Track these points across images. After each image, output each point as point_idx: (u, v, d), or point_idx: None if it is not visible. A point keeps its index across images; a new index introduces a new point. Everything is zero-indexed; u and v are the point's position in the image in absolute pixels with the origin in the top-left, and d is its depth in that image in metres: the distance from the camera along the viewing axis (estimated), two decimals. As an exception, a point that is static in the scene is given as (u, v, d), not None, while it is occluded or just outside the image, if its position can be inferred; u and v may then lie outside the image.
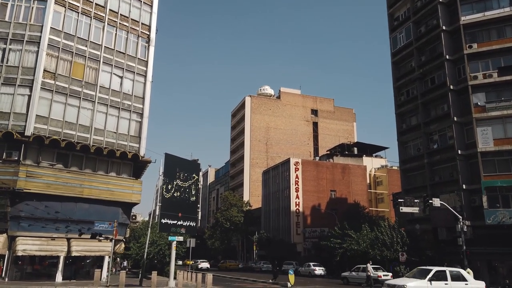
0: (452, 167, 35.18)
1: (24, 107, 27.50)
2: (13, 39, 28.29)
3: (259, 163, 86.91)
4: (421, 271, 19.76)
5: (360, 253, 37.61)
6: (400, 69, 43.42)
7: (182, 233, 26.76)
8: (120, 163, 31.64)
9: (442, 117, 36.64)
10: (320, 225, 59.83)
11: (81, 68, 30.36)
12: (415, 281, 18.55)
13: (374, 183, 75.46)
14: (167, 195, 25.21)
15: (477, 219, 31.81)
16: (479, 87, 34.58)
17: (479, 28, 35.86)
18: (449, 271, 18.93)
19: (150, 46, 34.67)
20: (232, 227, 71.89)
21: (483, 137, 33.42)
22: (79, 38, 30.66)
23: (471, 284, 18.81)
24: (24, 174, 26.47)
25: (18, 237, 26.32)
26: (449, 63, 36.41)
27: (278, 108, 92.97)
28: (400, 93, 42.90)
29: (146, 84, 33.74)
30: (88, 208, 29.12)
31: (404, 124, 41.81)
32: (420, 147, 38.84)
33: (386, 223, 38.21)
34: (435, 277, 18.29)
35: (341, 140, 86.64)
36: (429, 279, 18.06)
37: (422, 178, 38.35)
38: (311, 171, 66.06)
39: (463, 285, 18.54)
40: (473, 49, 35.18)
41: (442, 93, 36.76)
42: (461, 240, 28.78)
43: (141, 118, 32.93)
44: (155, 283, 23.98)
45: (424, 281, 18.08)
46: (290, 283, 27.65)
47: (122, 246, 32.75)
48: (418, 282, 18.29)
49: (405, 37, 42.19)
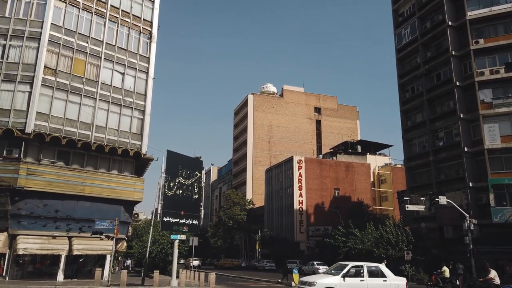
0: (458, 165, 34.69)
1: (25, 104, 27.17)
2: (13, 35, 27.94)
3: (262, 161, 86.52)
4: (338, 266, 18.66)
5: (364, 252, 37.17)
6: (404, 66, 42.93)
7: (185, 232, 26.40)
8: (122, 161, 31.30)
9: (448, 114, 36.14)
10: (323, 223, 59.43)
11: (82, 65, 30.02)
12: (327, 277, 17.50)
13: (378, 181, 74.96)
14: (169, 193, 24.79)
15: (484, 218, 31.35)
16: (486, 83, 34.07)
17: (485, 24, 35.30)
18: (367, 266, 17.87)
19: (151, 43, 34.30)
20: (235, 226, 71.60)
21: (490, 134, 32.92)
22: (80, 34, 30.30)
23: (391, 280, 17.59)
24: (24, 171, 26.14)
25: (19, 236, 26.02)
26: (455, 59, 35.90)
27: (281, 106, 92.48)
28: (405, 90, 42.42)
29: (148, 81, 33.39)
30: (89, 207, 28.79)
31: (409, 121, 41.31)
32: (426, 145, 38.35)
33: (391, 222, 37.73)
34: (350, 273, 17.28)
35: (345, 138, 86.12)
36: (343, 275, 17.00)
37: (428, 175, 37.88)
38: (315, 169, 65.62)
39: (381, 281, 17.44)
40: (480, 45, 34.65)
41: (448, 90, 36.26)
42: (468, 238, 28.34)
43: (143, 115, 32.57)
44: (157, 282, 23.63)
45: (337, 277, 17.01)
46: (294, 283, 27.26)
47: (124, 245, 32.42)
48: (330, 278, 17.25)
49: (410, 33, 41.67)
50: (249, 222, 71.85)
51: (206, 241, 74.15)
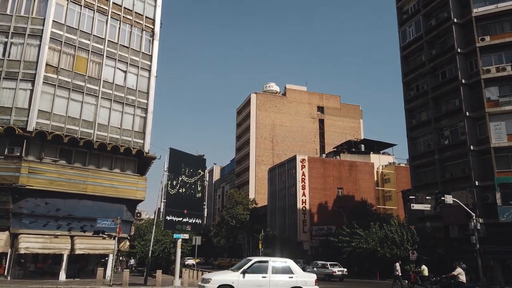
0: (464, 163, 34.31)
1: (26, 102, 26.95)
2: (14, 32, 27.72)
3: (264, 160, 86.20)
4: (244, 262, 17.38)
5: (369, 252, 36.90)
6: (409, 64, 42.54)
7: (188, 231, 26.09)
8: (124, 159, 31.06)
9: (454, 112, 35.76)
10: (327, 223, 59.05)
11: (84, 62, 29.77)
12: (225, 274, 16.70)
13: (382, 180, 74.52)
14: (172, 191, 24.48)
15: (490, 217, 30.97)
16: (492, 80, 33.69)
17: (491, 20, 34.93)
18: (273, 262, 16.72)
19: (154, 40, 34.03)
20: (237, 225, 71.32)
21: (496, 132, 32.54)
22: (82, 31, 30.06)
23: (298, 277, 16.40)
24: (26, 170, 25.91)
25: (21, 235, 25.79)
26: (461, 57, 35.52)
27: (283, 105, 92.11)
28: (409, 88, 42.04)
29: (150, 79, 33.11)
30: (92, 205, 28.52)
31: (414, 120, 40.92)
32: (431, 143, 37.97)
33: (396, 221, 37.39)
34: (252, 269, 16.14)
35: (348, 137, 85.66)
36: (243, 271, 15.92)
37: (433, 174, 37.50)
38: (318, 169, 65.22)
39: (287, 278, 16.22)
40: (486, 42, 34.26)
41: (453, 87, 35.88)
42: (474, 238, 27.97)
43: (146, 113, 32.30)
44: (160, 282, 23.38)
45: (237, 273, 15.99)
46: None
47: (127, 244, 32.20)
48: (227, 275, 16.35)
49: (415, 31, 41.29)
50: (252, 221, 71.53)
51: (209, 241, 73.94)
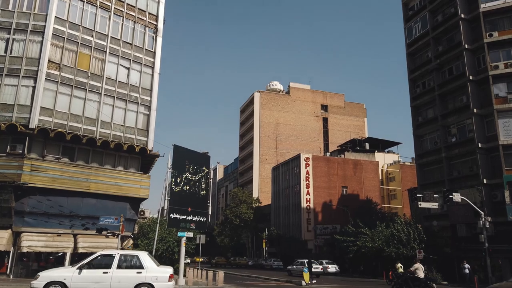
0: (472, 161, 33.80)
1: (29, 99, 26.64)
2: (16, 28, 27.41)
3: (268, 159, 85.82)
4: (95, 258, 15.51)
5: (374, 251, 36.44)
6: (415, 60, 42.02)
7: (192, 229, 25.71)
8: (128, 157, 30.74)
9: (461, 109, 35.24)
10: (331, 222, 58.61)
11: (87, 59, 29.45)
12: (58, 269, 15.74)
13: (387, 179, 74.03)
14: (176, 189, 24.12)
15: (499, 215, 30.51)
16: (500, 77, 33.16)
17: (499, 16, 34.37)
18: (120, 255, 15.29)
19: (157, 37, 33.68)
20: (241, 224, 71.06)
21: (505, 129, 32.04)
22: (85, 28, 29.74)
23: (148, 272, 14.94)
24: (28, 168, 25.62)
25: (23, 233, 25.50)
26: (468, 53, 35.01)
27: (287, 103, 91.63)
28: (415, 85, 41.52)
29: (153, 76, 32.78)
30: (95, 203, 28.25)
31: (420, 117, 40.42)
32: (437, 141, 37.46)
33: (403, 219, 36.91)
34: (91, 264, 14.81)
35: (352, 136, 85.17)
36: (80, 267, 14.60)
37: (440, 172, 36.99)
38: (322, 167, 64.78)
39: (134, 273, 14.86)
40: (494, 38, 33.71)
41: (460, 84, 35.36)
42: (483, 237, 27.56)
43: (149, 110, 31.98)
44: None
45: (72, 269, 14.73)
46: (304, 281, 26.62)
47: (131, 242, 31.87)
48: (60, 270, 15.29)
49: (421, 27, 40.78)
50: (256, 220, 71.22)
51: (213, 240, 73.68)
